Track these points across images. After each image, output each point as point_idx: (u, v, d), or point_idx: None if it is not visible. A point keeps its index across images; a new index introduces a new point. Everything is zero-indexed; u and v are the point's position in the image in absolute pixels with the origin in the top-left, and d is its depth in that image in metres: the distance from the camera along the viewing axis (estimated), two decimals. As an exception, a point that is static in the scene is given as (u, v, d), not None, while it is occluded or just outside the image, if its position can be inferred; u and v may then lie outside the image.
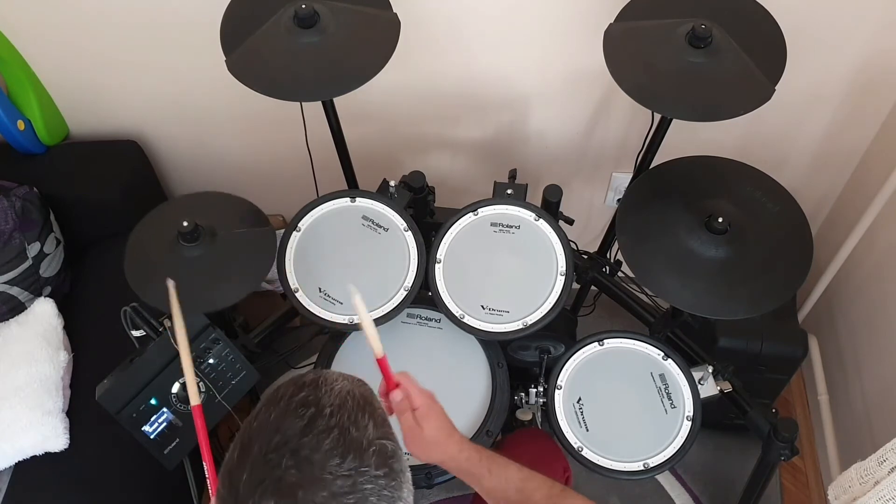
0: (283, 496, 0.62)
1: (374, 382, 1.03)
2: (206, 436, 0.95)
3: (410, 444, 0.96)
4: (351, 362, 1.33)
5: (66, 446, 1.37)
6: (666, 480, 1.82)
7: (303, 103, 1.42)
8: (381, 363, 0.93)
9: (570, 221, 1.42)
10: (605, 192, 1.85)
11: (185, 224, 1.19)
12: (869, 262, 1.64)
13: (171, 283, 1.01)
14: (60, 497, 1.35)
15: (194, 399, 0.95)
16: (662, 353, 1.27)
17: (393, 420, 0.98)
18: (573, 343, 1.30)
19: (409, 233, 1.29)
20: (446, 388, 1.30)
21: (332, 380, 0.72)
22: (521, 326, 1.22)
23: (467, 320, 1.24)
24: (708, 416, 1.25)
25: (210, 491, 0.94)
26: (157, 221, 1.30)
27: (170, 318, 1.21)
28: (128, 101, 1.66)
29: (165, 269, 1.22)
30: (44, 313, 1.48)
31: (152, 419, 1.21)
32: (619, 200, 1.34)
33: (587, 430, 1.23)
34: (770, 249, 1.18)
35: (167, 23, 1.47)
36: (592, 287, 1.57)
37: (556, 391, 1.26)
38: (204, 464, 0.95)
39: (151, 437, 1.22)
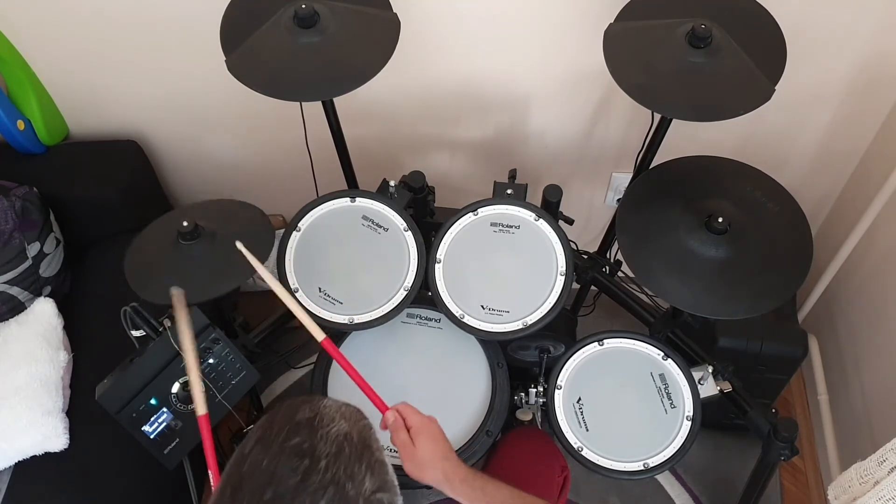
0: None
1: (376, 385, 1.04)
2: (213, 446, 0.95)
3: (405, 462, 0.96)
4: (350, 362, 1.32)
5: (66, 446, 1.37)
6: (666, 480, 1.82)
7: (303, 103, 1.42)
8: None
9: (570, 221, 1.41)
10: (605, 192, 1.85)
11: (185, 224, 1.19)
12: (869, 262, 1.64)
13: (179, 295, 1.00)
14: (60, 497, 1.35)
15: (201, 409, 0.95)
16: (662, 353, 1.27)
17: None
18: (573, 343, 1.30)
19: (409, 233, 1.29)
20: (446, 388, 1.31)
21: (328, 419, 0.68)
22: (521, 326, 1.22)
23: (467, 320, 1.24)
24: (708, 416, 1.25)
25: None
26: (157, 225, 1.30)
27: (170, 317, 1.21)
28: (128, 101, 1.66)
29: (165, 268, 1.22)
30: (44, 313, 1.48)
31: (152, 419, 1.21)
32: (619, 200, 1.34)
33: (587, 430, 1.23)
34: (770, 249, 1.18)
35: (167, 23, 1.47)
36: (592, 287, 1.57)
37: (556, 391, 1.26)
38: (209, 472, 0.95)
39: (151, 437, 1.22)
